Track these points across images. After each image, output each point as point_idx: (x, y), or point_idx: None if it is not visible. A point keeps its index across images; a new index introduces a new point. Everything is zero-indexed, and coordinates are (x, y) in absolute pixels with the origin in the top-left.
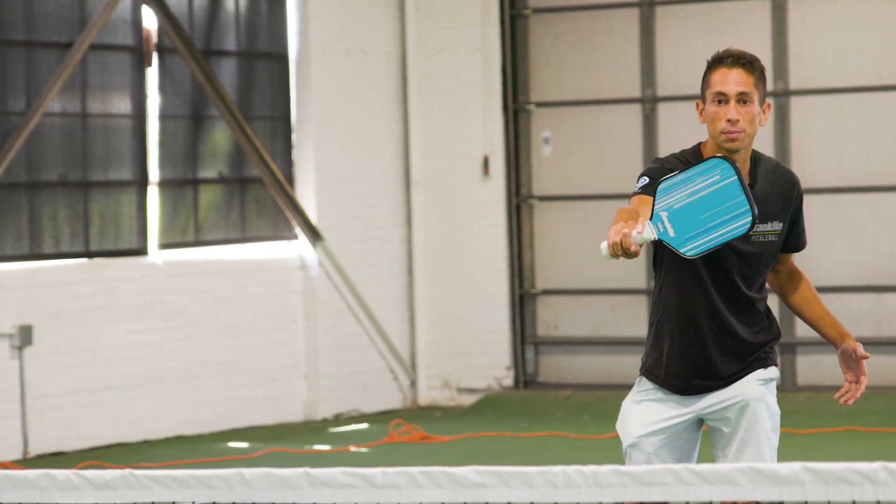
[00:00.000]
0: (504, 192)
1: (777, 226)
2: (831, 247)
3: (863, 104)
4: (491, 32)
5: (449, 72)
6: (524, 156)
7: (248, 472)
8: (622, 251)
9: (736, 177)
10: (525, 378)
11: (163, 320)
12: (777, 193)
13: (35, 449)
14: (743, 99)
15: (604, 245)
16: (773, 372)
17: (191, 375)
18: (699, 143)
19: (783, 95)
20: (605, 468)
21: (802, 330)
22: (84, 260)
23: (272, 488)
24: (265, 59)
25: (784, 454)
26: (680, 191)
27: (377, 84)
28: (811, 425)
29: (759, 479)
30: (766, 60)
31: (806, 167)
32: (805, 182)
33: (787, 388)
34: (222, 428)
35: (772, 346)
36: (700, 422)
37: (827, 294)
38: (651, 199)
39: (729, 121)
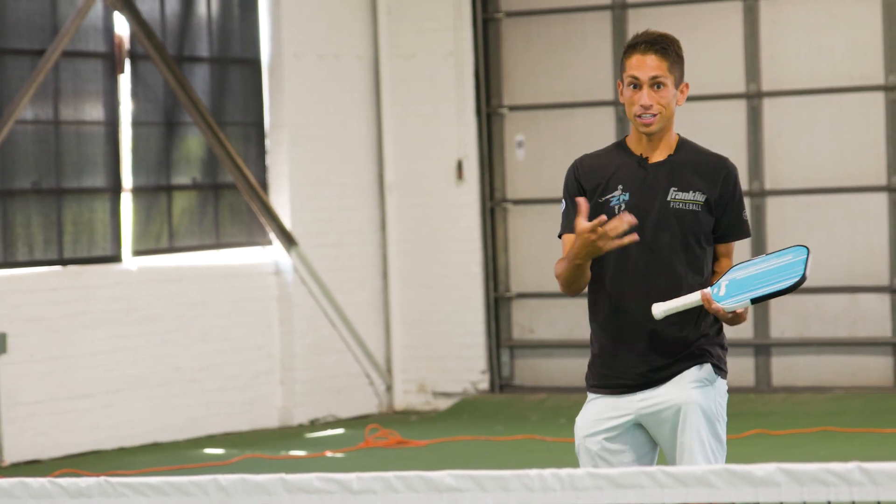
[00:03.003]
0: (478, 195)
1: (699, 196)
2: None
3: (835, 105)
4: (464, 36)
5: (422, 75)
6: (498, 159)
7: (223, 478)
8: None
9: (806, 256)
10: (501, 382)
11: (138, 327)
12: (700, 167)
13: (10, 457)
14: (656, 83)
15: (657, 311)
16: (707, 372)
17: (166, 382)
18: (625, 137)
19: (756, 97)
20: (581, 471)
21: (777, 331)
22: (58, 267)
23: (248, 494)
24: (238, 64)
25: (759, 455)
26: (752, 267)
27: (350, 88)
28: (786, 426)
29: (734, 480)
30: (739, 62)
31: (779, 168)
32: (778, 183)
33: (762, 388)
34: (198, 434)
35: (711, 345)
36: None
37: (802, 295)
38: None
39: (642, 105)
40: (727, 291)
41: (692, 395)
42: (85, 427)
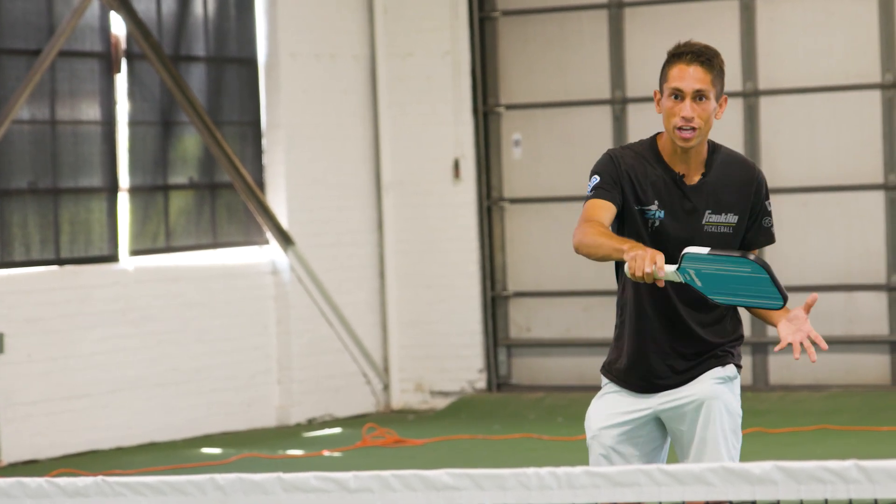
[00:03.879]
0: (475, 194)
1: (731, 218)
2: (802, 246)
3: (832, 103)
4: (460, 35)
5: (419, 75)
6: (495, 158)
7: (221, 477)
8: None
9: (767, 275)
10: (498, 380)
11: (135, 327)
12: (733, 185)
13: (8, 457)
14: (699, 96)
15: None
16: (731, 370)
17: (163, 382)
18: (656, 134)
19: (752, 95)
20: (578, 470)
21: (774, 329)
22: (55, 267)
23: (245, 494)
24: (234, 64)
25: (756, 453)
26: (709, 264)
27: (347, 88)
28: (783, 424)
29: (731, 478)
30: (735, 60)
31: (776, 167)
32: (775, 182)
33: (759, 387)
34: (195, 434)
35: (733, 346)
36: (662, 423)
37: (798, 293)
38: (607, 203)
39: (684, 118)
40: (704, 283)
41: (716, 390)
42: (82, 427)
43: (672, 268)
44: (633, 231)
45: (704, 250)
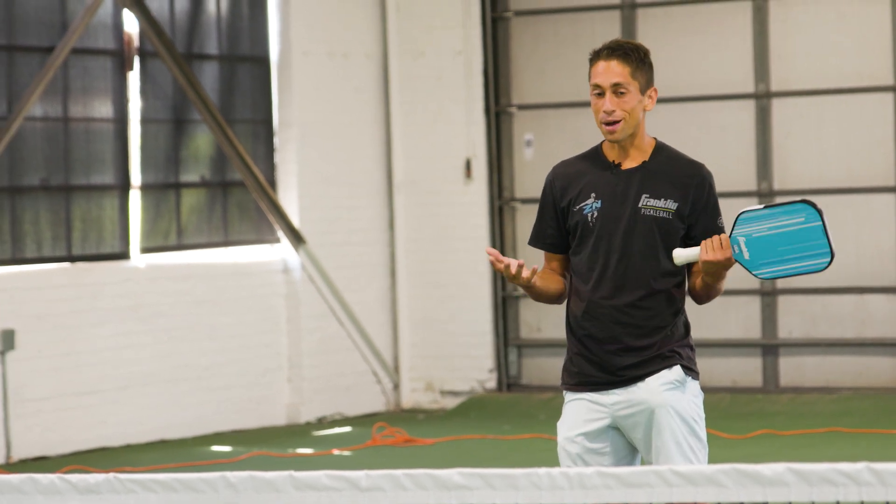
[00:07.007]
0: (486, 194)
1: (670, 204)
2: None
3: (844, 105)
4: (472, 35)
5: (431, 74)
6: (506, 158)
7: (232, 475)
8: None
9: (821, 222)
10: (508, 380)
11: (145, 324)
12: (673, 175)
13: (18, 454)
14: (619, 90)
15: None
16: (678, 373)
17: (174, 379)
18: (602, 141)
19: (764, 97)
20: (590, 470)
21: (785, 331)
22: (66, 264)
23: (257, 492)
24: (247, 62)
25: (767, 455)
26: (762, 223)
27: (359, 87)
28: (794, 426)
29: (743, 480)
30: (748, 62)
31: (787, 168)
32: (787, 183)
33: (769, 389)
34: (205, 432)
35: (680, 346)
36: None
37: (809, 295)
38: (548, 255)
39: (605, 111)
40: (752, 254)
41: (664, 397)
42: (92, 423)
43: (692, 251)
44: (580, 228)
45: (759, 207)
